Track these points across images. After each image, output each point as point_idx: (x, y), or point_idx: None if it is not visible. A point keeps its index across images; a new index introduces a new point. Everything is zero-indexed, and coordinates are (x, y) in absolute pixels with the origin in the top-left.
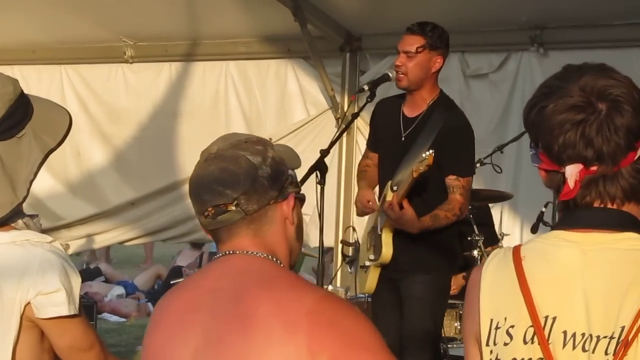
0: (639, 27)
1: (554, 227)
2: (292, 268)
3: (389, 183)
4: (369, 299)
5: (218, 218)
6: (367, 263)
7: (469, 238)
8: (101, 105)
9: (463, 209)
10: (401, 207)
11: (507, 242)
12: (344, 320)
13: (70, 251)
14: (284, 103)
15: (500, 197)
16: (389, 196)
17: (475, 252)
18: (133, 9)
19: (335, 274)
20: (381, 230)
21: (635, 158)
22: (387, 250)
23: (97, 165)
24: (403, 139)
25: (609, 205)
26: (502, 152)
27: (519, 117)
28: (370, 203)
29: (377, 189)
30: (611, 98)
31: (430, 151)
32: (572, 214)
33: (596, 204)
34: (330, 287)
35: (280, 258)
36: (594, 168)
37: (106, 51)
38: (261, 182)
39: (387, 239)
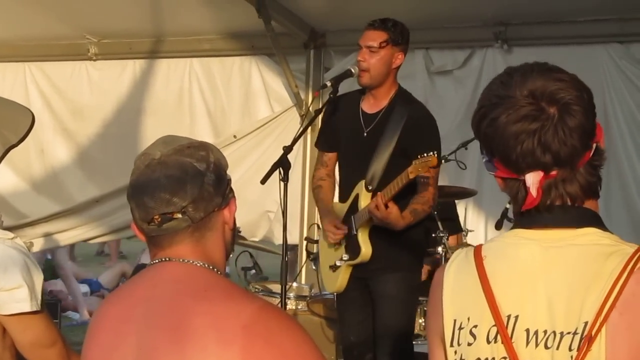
0: (602, 24)
1: (514, 226)
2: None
3: (362, 182)
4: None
5: (164, 226)
6: (339, 263)
7: (433, 235)
8: (65, 102)
9: (435, 199)
10: (386, 206)
11: (472, 238)
12: (280, 334)
13: (34, 249)
14: (248, 100)
15: (464, 193)
16: (365, 196)
17: (440, 249)
18: (97, 6)
19: (300, 271)
20: (357, 230)
21: (591, 155)
22: (367, 249)
23: (61, 163)
24: (365, 134)
25: (569, 204)
26: (466, 149)
27: None
28: (339, 229)
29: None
30: (563, 102)
31: (434, 152)
32: (532, 214)
33: (557, 204)
34: (294, 284)
35: (217, 264)
36: (554, 173)
37: (70, 48)
38: (207, 190)
39: (364, 238)
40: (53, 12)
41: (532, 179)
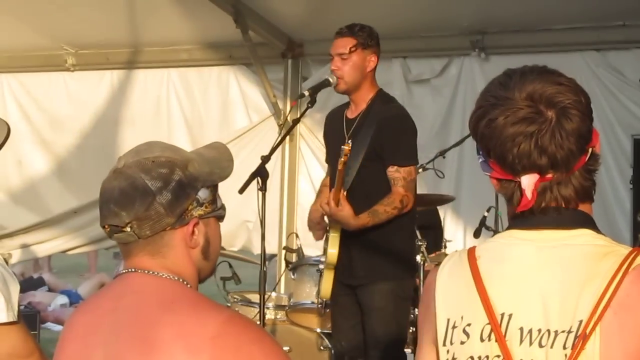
0: (578, 32)
1: (509, 226)
2: (203, 282)
3: None
4: (319, 305)
5: (114, 236)
6: (320, 267)
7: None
8: (43, 113)
9: (405, 201)
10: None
11: (451, 248)
12: (250, 344)
13: (12, 260)
14: (226, 110)
15: (442, 200)
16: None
17: (419, 257)
18: (74, 17)
19: (279, 281)
20: (328, 231)
21: (586, 160)
22: (332, 251)
23: (39, 174)
24: (348, 141)
25: (563, 207)
26: (444, 157)
27: (460, 122)
28: (316, 216)
29: None
30: (561, 106)
31: (348, 141)
32: (526, 216)
33: (551, 206)
34: (273, 294)
35: (186, 278)
36: (549, 176)
37: (47, 59)
38: (156, 209)
39: (333, 240)
40: (30, 24)
41: (528, 181)
